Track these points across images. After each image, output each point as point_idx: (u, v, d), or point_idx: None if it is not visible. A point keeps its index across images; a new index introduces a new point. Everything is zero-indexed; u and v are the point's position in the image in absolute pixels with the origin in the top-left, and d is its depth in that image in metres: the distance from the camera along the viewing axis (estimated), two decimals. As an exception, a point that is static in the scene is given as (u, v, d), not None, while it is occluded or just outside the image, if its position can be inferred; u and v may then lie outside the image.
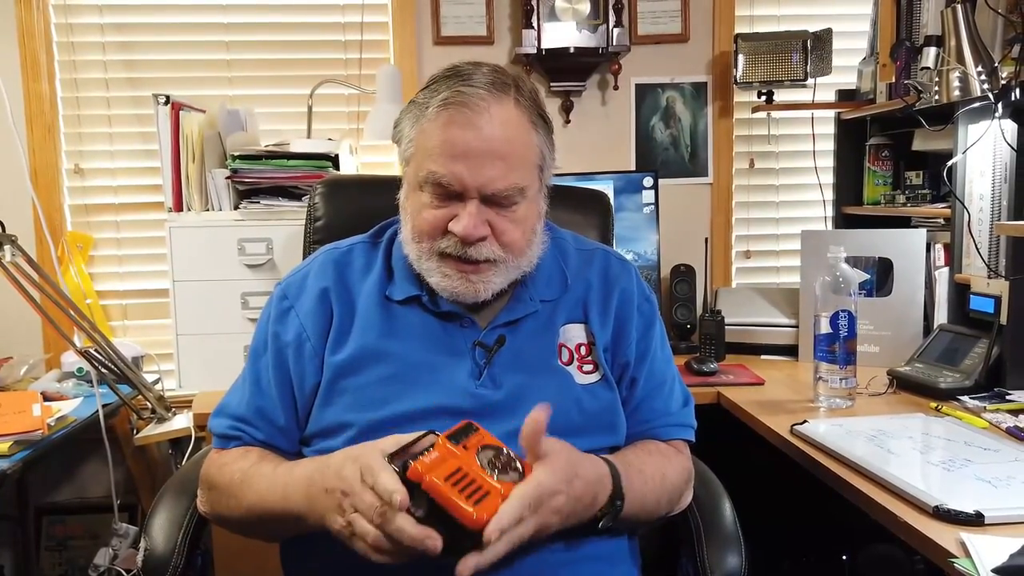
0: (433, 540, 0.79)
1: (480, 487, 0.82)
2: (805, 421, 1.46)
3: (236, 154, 2.02)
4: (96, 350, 1.84)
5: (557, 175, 1.12)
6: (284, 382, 1.09)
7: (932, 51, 1.75)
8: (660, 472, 1.07)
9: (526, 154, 1.04)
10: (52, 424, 1.67)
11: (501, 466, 0.86)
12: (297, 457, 1.09)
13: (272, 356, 1.10)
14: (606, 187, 2.20)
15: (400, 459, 0.83)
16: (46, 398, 1.80)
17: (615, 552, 1.06)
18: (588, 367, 1.12)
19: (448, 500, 0.80)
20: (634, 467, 1.03)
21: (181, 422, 1.90)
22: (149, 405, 1.93)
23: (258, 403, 1.09)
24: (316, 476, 0.92)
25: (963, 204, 1.77)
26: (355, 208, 1.50)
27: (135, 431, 2.02)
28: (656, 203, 2.28)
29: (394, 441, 0.87)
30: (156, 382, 2.08)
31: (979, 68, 1.62)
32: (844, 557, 1.88)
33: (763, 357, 2.10)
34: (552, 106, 2.42)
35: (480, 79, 1.01)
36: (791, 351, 2.08)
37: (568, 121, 2.42)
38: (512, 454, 0.88)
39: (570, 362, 1.11)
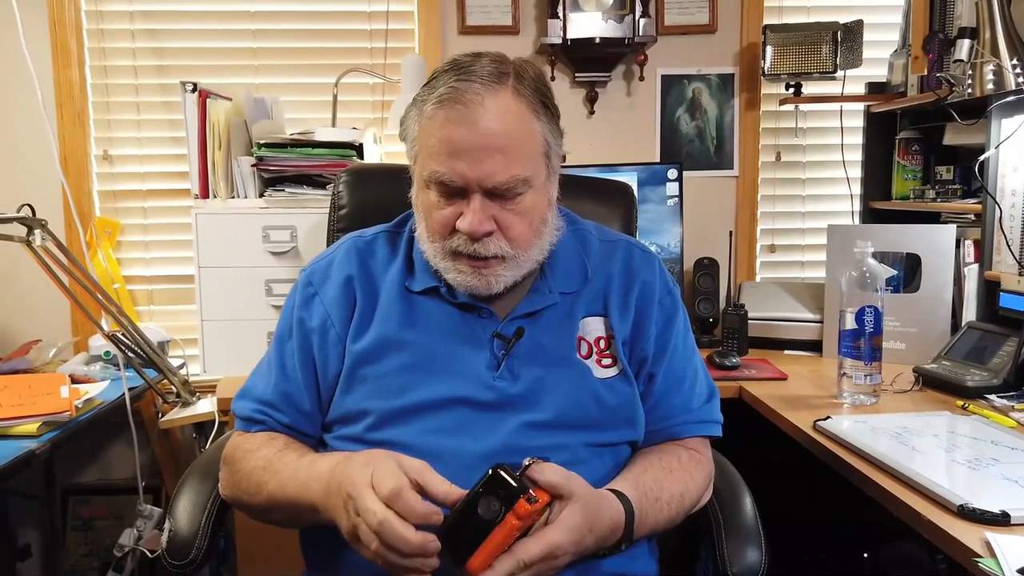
0: (433, 543, 0.82)
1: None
2: (828, 417, 1.45)
3: (262, 142, 2.03)
4: (123, 334, 1.87)
5: (581, 166, 1.10)
6: (309, 368, 1.10)
7: (966, 43, 1.71)
8: (679, 493, 1.07)
9: (527, 144, 1.02)
10: (80, 406, 1.70)
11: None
12: (319, 443, 1.10)
13: (297, 341, 1.11)
14: (630, 179, 2.17)
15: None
16: (74, 380, 1.82)
17: (634, 548, 1.05)
18: (607, 361, 1.11)
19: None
20: (651, 496, 1.02)
21: (205, 406, 1.93)
22: (174, 389, 1.96)
23: (284, 388, 1.10)
24: (337, 471, 0.92)
25: (995, 200, 1.74)
26: (379, 197, 1.51)
27: (160, 414, 2.06)
28: (680, 195, 2.26)
29: (419, 464, 0.88)
30: (181, 367, 2.10)
31: (1014, 61, 1.59)
32: (865, 555, 1.86)
33: (786, 352, 2.08)
34: (577, 97, 2.41)
35: (478, 70, 1.00)
36: (815, 347, 2.06)
37: (592, 112, 2.41)
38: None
39: (589, 355, 1.11)
